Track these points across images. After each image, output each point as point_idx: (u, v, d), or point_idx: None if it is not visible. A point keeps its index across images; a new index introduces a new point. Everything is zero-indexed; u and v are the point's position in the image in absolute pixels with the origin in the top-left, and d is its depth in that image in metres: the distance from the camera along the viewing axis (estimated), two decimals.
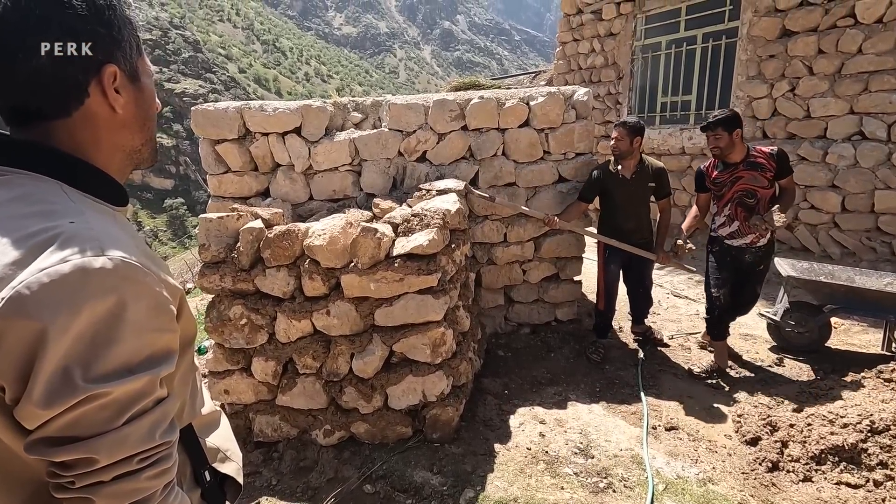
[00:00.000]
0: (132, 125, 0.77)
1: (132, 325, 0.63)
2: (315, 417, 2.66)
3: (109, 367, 0.61)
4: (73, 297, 0.59)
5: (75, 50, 0.67)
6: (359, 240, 2.46)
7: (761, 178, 2.99)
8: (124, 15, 0.72)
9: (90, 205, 0.70)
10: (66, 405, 0.58)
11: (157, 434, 0.66)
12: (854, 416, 2.46)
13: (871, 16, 4.40)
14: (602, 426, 2.79)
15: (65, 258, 0.59)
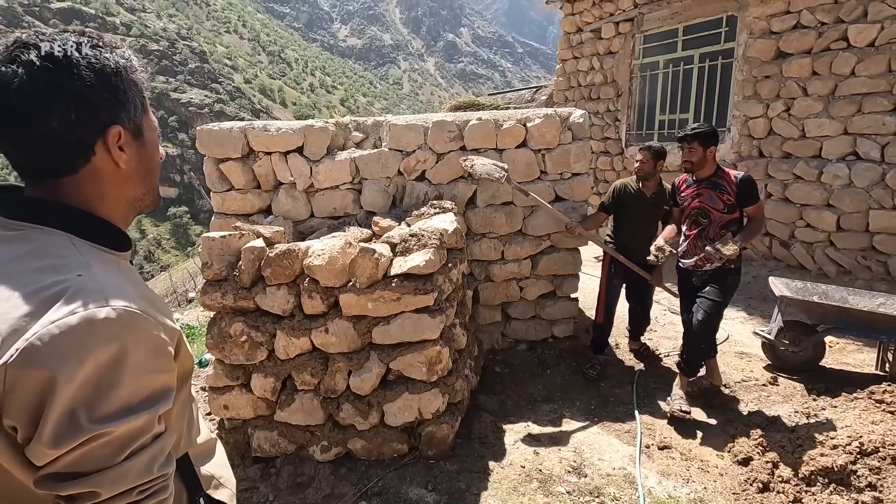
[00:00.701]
0: (135, 178, 0.84)
1: (133, 368, 0.69)
2: (312, 433, 2.70)
3: (112, 408, 0.67)
4: (80, 346, 0.65)
5: (83, 115, 0.74)
6: (357, 260, 2.52)
7: (718, 200, 2.93)
8: (130, 79, 0.79)
9: (96, 254, 0.76)
10: (73, 444, 0.64)
11: (154, 468, 0.72)
12: (844, 437, 2.49)
13: (863, 39, 4.49)
14: (596, 444, 2.83)
15: (73, 311, 0.65)
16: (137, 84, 0.81)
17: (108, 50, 0.78)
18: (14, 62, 0.71)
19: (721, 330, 4.32)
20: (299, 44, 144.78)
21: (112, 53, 0.78)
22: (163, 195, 7.52)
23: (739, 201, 2.89)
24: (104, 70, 0.76)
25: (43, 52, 0.71)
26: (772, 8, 5.11)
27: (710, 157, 2.95)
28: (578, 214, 3.57)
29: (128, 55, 0.81)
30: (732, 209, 2.93)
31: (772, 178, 5.32)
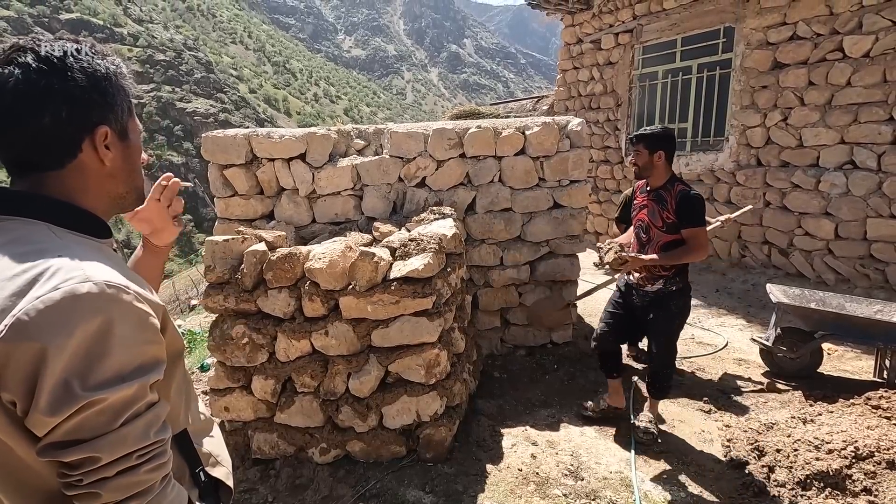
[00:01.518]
0: (118, 176, 0.89)
1: (120, 339, 0.72)
2: (312, 436, 2.73)
3: (103, 376, 0.70)
4: (67, 319, 0.68)
5: (74, 114, 0.80)
6: (357, 263, 2.56)
7: (658, 216, 2.67)
8: (119, 84, 0.86)
9: (75, 240, 0.81)
10: (69, 412, 0.68)
11: (151, 433, 0.76)
12: (839, 442, 2.50)
13: (858, 50, 4.55)
14: (593, 448, 2.84)
15: (56, 286, 0.69)
16: (125, 89, 0.87)
17: (99, 56, 0.83)
18: (11, 64, 0.76)
19: (720, 336, 4.37)
20: (304, 54, 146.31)
21: (103, 60, 0.84)
22: None
23: (679, 220, 2.59)
24: (95, 74, 0.81)
25: (40, 55, 0.77)
26: (768, 20, 5.18)
27: (659, 164, 2.65)
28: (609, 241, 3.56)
29: (117, 62, 0.86)
30: (673, 229, 2.62)
31: (770, 187, 5.36)
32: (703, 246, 2.59)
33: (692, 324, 4.74)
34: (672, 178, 2.69)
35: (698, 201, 2.59)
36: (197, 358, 4.69)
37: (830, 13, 4.71)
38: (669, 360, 2.89)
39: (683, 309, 2.81)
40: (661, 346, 2.83)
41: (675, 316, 2.79)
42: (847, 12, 4.58)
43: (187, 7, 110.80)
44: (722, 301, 5.25)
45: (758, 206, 5.50)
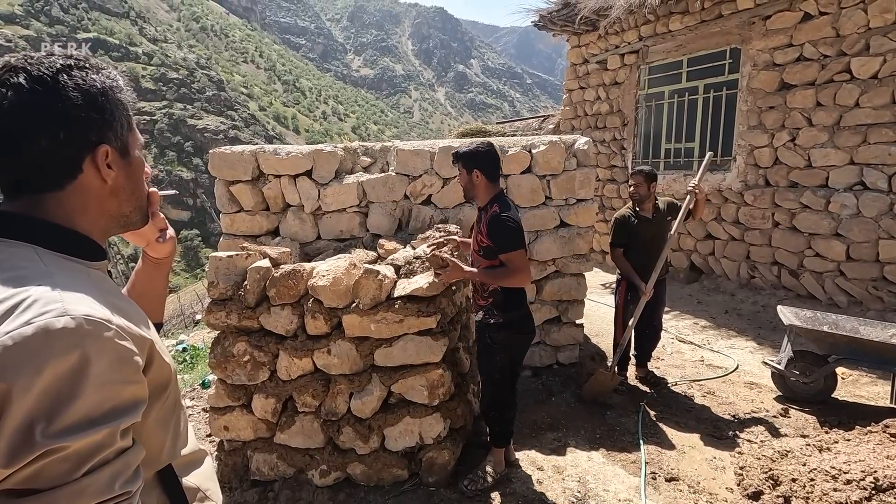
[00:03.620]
0: (121, 194, 0.85)
1: (94, 378, 0.66)
2: (312, 457, 2.67)
3: (70, 421, 0.64)
4: (36, 357, 0.62)
5: (71, 134, 0.76)
6: (361, 281, 2.53)
7: (476, 240, 2.50)
8: (116, 98, 0.82)
9: (62, 265, 0.75)
10: (26, 460, 0.61)
11: (116, 485, 0.68)
12: (858, 472, 2.41)
13: (866, 72, 4.54)
14: (601, 475, 2.76)
15: (28, 321, 0.63)
16: (123, 103, 0.83)
17: (94, 71, 0.80)
18: (3, 85, 0.73)
19: (730, 359, 4.28)
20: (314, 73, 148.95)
21: (98, 74, 0.80)
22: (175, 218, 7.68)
23: (493, 244, 2.37)
24: (91, 90, 0.78)
25: (32, 75, 0.73)
26: (774, 41, 5.20)
27: (480, 184, 2.44)
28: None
29: (113, 75, 0.83)
30: (489, 253, 2.40)
31: (779, 207, 5.31)
32: (518, 269, 2.32)
33: (701, 345, 4.66)
34: (494, 198, 2.44)
35: (508, 224, 2.31)
36: (198, 374, 4.65)
37: (837, 35, 4.72)
38: (492, 401, 2.59)
39: (504, 345, 2.48)
40: (482, 385, 2.62)
41: (494, 351, 2.50)
42: (854, 34, 4.59)
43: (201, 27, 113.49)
44: (731, 322, 5.16)
45: (766, 227, 5.44)
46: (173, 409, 0.90)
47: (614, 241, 3.58)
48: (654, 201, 3.57)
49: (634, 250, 3.56)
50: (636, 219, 3.52)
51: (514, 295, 2.51)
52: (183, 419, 0.96)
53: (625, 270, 3.55)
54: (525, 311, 2.57)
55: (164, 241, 1.07)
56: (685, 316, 5.44)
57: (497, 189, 2.50)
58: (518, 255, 2.34)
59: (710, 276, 6.18)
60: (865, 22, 4.49)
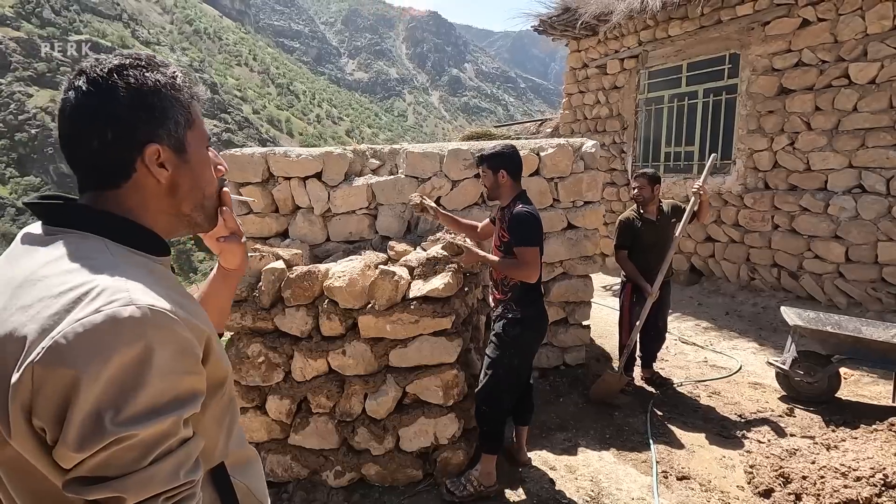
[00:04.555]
0: (178, 193, 0.86)
1: (158, 369, 0.68)
2: (326, 458, 2.67)
3: (137, 409, 0.66)
4: (105, 345, 0.64)
5: (119, 134, 0.78)
6: (377, 282, 2.55)
7: (497, 236, 2.61)
8: (172, 96, 0.82)
9: (128, 257, 0.78)
10: (97, 447, 0.63)
11: (181, 473, 0.70)
12: (867, 469, 2.45)
13: (864, 77, 4.63)
14: (613, 474, 2.78)
15: (97, 309, 0.65)
16: (180, 101, 0.83)
17: (149, 69, 0.80)
18: (70, 89, 0.77)
19: (733, 360, 4.33)
20: (307, 77, 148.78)
21: (153, 73, 0.81)
22: None
23: (511, 238, 2.46)
24: (141, 90, 0.79)
25: (88, 77, 0.77)
26: (773, 47, 5.28)
27: (505, 183, 2.56)
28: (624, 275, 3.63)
29: (170, 73, 0.83)
30: (508, 249, 2.49)
31: (778, 210, 5.38)
32: (528, 264, 2.39)
33: (704, 346, 4.70)
34: (517, 197, 2.54)
35: (530, 220, 2.40)
36: None
37: (835, 41, 4.80)
38: (486, 395, 2.52)
39: (519, 342, 2.50)
40: (483, 378, 2.55)
41: (505, 344, 2.50)
42: (852, 40, 4.68)
43: (194, 30, 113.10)
44: (732, 324, 5.22)
45: (766, 229, 5.51)
46: (228, 407, 0.91)
47: (619, 244, 3.61)
48: (658, 204, 3.61)
49: (638, 252, 3.59)
50: (640, 221, 3.56)
51: (533, 291, 2.55)
52: (236, 419, 0.97)
53: (629, 273, 3.58)
54: (541, 308, 2.62)
55: (225, 242, 1.05)
56: (687, 318, 5.49)
57: (519, 188, 2.59)
58: (531, 250, 2.40)
59: (711, 278, 6.24)
60: (863, 28, 4.58)
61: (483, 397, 2.56)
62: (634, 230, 3.56)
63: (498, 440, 2.55)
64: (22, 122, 63.17)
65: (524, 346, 2.55)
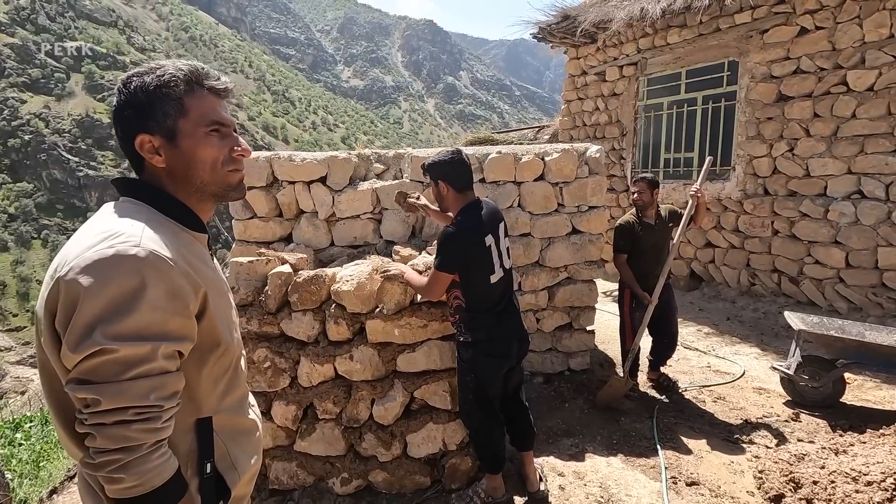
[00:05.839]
0: (178, 174, 1.00)
1: (150, 301, 0.83)
2: (333, 465, 2.64)
3: (124, 329, 0.81)
4: (108, 271, 0.81)
5: (121, 129, 0.98)
6: (386, 286, 2.53)
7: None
8: (158, 93, 0.96)
9: (160, 220, 0.95)
10: (87, 353, 0.80)
11: (152, 395, 0.84)
12: (878, 473, 2.44)
13: (862, 84, 4.68)
14: (622, 480, 2.76)
15: (111, 245, 0.83)
16: (170, 95, 0.96)
17: (145, 75, 0.96)
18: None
19: (736, 365, 4.32)
20: (303, 84, 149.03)
21: (148, 76, 0.96)
22: None
23: None
24: (134, 91, 0.95)
25: (116, 89, 0.98)
26: (772, 54, 5.34)
27: (447, 196, 2.31)
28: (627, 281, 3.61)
29: (160, 73, 0.97)
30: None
31: (778, 216, 5.41)
32: (425, 284, 2.28)
33: (707, 351, 4.70)
34: (462, 210, 2.29)
35: (444, 240, 2.19)
36: None
37: (833, 49, 4.86)
38: (465, 418, 2.47)
39: (473, 366, 2.33)
40: (459, 403, 2.48)
41: (463, 369, 2.38)
42: (850, 48, 4.73)
43: (190, 37, 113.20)
44: (734, 329, 5.22)
45: (766, 235, 5.54)
46: (226, 372, 1.04)
47: (618, 248, 3.60)
48: (657, 208, 3.63)
49: (637, 257, 3.58)
50: (639, 225, 3.56)
51: (479, 314, 2.31)
52: (236, 387, 1.09)
53: (627, 278, 3.56)
54: (496, 332, 2.32)
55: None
56: (688, 323, 5.49)
57: (467, 200, 2.31)
58: (433, 273, 2.23)
59: (711, 283, 6.26)
60: (861, 36, 4.64)
61: (464, 421, 2.52)
62: (633, 234, 3.56)
63: (495, 459, 2.45)
64: (15, 128, 62.81)
65: (480, 369, 2.34)
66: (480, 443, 2.47)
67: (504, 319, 2.37)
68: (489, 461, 2.47)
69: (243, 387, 1.12)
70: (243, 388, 1.12)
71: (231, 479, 1.03)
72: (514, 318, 2.43)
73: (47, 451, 3.74)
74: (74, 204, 61.73)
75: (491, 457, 2.46)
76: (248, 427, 1.11)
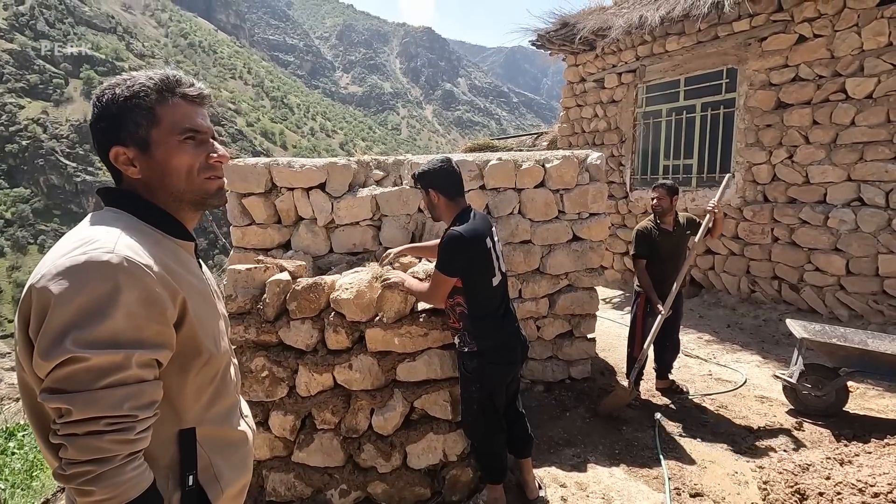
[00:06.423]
0: (154, 184, 0.99)
1: (123, 308, 0.81)
2: (331, 476, 2.59)
3: (96, 336, 0.78)
4: (79, 277, 0.79)
5: (96, 142, 0.97)
6: (385, 294, 2.50)
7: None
8: (128, 104, 0.95)
9: (140, 228, 0.94)
10: (58, 360, 0.77)
11: (126, 405, 0.81)
12: (884, 484, 2.41)
13: (861, 92, 4.68)
14: (625, 491, 2.72)
15: (84, 252, 0.82)
16: (140, 106, 0.95)
17: (117, 87, 0.96)
18: None
19: (737, 373, 4.29)
20: (302, 90, 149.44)
21: (119, 88, 0.95)
22: None
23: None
24: (105, 105, 0.95)
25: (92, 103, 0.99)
26: (770, 62, 5.35)
27: (439, 204, 2.30)
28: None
29: (130, 84, 0.95)
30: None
31: (778, 223, 5.40)
32: (429, 289, 2.26)
33: (707, 359, 4.67)
34: (457, 217, 2.27)
35: (448, 243, 2.16)
36: None
37: (832, 56, 4.87)
38: (468, 429, 2.44)
39: (480, 376, 2.29)
40: (462, 414, 2.45)
41: (467, 380, 2.34)
42: (848, 56, 4.74)
43: (189, 44, 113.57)
44: (735, 336, 5.19)
45: (766, 242, 5.53)
46: (212, 382, 1.01)
47: (637, 253, 3.62)
48: (675, 215, 3.64)
49: (654, 263, 3.61)
50: (658, 231, 3.59)
51: (487, 319, 2.28)
52: (222, 398, 1.05)
53: (645, 285, 3.58)
54: (501, 339, 2.31)
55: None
56: (689, 330, 5.46)
57: (459, 207, 2.30)
58: (437, 275, 2.20)
59: (711, 290, 6.24)
60: (859, 44, 4.65)
61: (467, 433, 2.49)
62: (652, 240, 3.58)
63: (497, 470, 2.42)
64: (13, 133, 62.75)
65: (487, 379, 2.30)
66: (483, 453, 2.44)
67: (506, 325, 2.36)
68: (492, 471, 2.44)
69: (232, 397, 1.09)
70: (232, 398, 1.09)
71: (213, 492, 0.99)
72: (514, 323, 2.44)
73: (41, 460, 3.68)
74: (72, 209, 61.59)
75: (494, 467, 2.43)
76: (235, 439, 1.08)
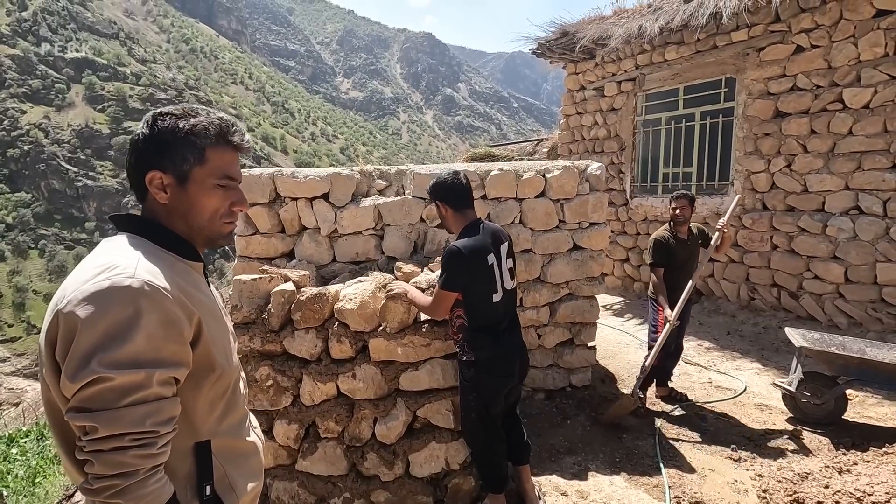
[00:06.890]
0: (177, 213, 1.05)
1: (144, 330, 0.86)
2: (335, 485, 2.61)
3: (119, 357, 0.84)
4: (104, 302, 0.85)
5: (136, 160, 1.03)
6: (389, 304, 2.53)
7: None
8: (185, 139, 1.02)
9: (156, 252, 0.99)
10: (84, 381, 0.82)
11: (147, 422, 0.86)
12: (882, 493, 2.43)
13: (858, 102, 4.73)
14: (625, 499, 2.74)
15: (107, 277, 0.88)
16: (195, 144, 1.02)
17: (180, 118, 1.02)
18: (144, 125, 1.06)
19: (737, 381, 4.31)
20: (303, 95, 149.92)
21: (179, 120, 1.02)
22: None
23: None
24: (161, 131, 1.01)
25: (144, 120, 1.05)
26: (768, 72, 5.41)
27: (447, 215, 2.41)
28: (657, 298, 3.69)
29: (194, 122, 1.03)
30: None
31: (777, 231, 5.44)
32: (430, 304, 2.33)
33: (707, 367, 4.69)
34: (464, 229, 2.35)
35: (448, 258, 2.23)
36: None
37: (829, 67, 4.92)
38: (467, 437, 2.50)
39: (476, 383, 2.33)
40: (461, 423, 2.49)
41: (465, 388, 2.38)
42: (845, 66, 4.80)
43: (190, 49, 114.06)
44: (734, 344, 5.22)
45: (765, 250, 5.57)
46: (224, 396, 1.07)
47: (656, 262, 3.70)
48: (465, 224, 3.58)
49: (669, 271, 3.68)
50: (674, 240, 3.67)
51: (483, 332, 2.32)
52: (234, 410, 1.10)
53: (661, 292, 3.63)
54: (499, 351, 2.34)
55: None
56: (688, 337, 5.46)
57: (468, 219, 2.38)
58: (438, 291, 2.27)
59: (710, 297, 6.27)
60: (856, 55, 4.70)
61: (467, 441, 2.54)
62: (669, 248, 3.66)
63: (498, 478, 2.45)
64: (15, 138, 62.94)
65: (483, 388, 2.34)
66: (483, 462, 2.48)
67: (506, 339, 2.40)
68: (492, 480, 2.47)
69: (242, 409, 1.15)
70: (242, 410, 1.15)
71: (229, 501, 1.05)
72: (517, 339, 2.47)
73: (43, 467, 3.70)
74: (72, 214, 61.69)
75: (494, 475, 2.46)
76: (246, 450, 1.13)
